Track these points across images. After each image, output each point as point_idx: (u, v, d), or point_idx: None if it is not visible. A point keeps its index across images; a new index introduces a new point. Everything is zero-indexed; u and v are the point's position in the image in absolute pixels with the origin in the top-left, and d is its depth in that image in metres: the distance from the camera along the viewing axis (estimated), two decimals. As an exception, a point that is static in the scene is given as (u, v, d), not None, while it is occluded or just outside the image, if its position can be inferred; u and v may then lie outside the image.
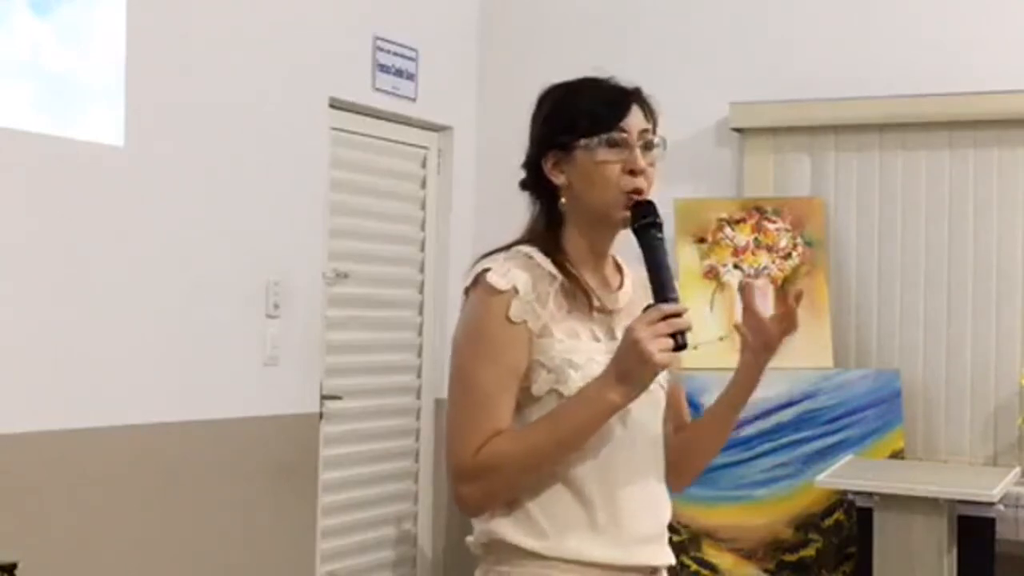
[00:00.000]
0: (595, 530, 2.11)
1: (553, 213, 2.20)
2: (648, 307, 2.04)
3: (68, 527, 3.82)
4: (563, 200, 2.18)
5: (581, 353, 2.11)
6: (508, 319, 2.09)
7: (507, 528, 2.12)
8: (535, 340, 2.10)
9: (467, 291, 2.16)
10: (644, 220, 2.12)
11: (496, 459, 2.06)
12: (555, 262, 2.15)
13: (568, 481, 2.10)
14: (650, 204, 2.14)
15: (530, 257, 2.15)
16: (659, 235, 2.12)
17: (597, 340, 2.15)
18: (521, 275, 2.11)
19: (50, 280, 3.80)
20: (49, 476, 3.77)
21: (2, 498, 3.62)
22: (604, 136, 2.13)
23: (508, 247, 2.19)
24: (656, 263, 2.10)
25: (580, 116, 2.15)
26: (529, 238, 2.20)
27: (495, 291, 2.10)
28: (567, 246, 2.19)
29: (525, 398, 2.11)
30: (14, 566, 3.43)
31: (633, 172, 2.13)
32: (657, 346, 1.98)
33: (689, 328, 2.02)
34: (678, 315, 2.01)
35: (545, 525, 2.10)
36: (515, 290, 2.09)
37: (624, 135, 2.14)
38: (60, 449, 3.80)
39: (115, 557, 3.98)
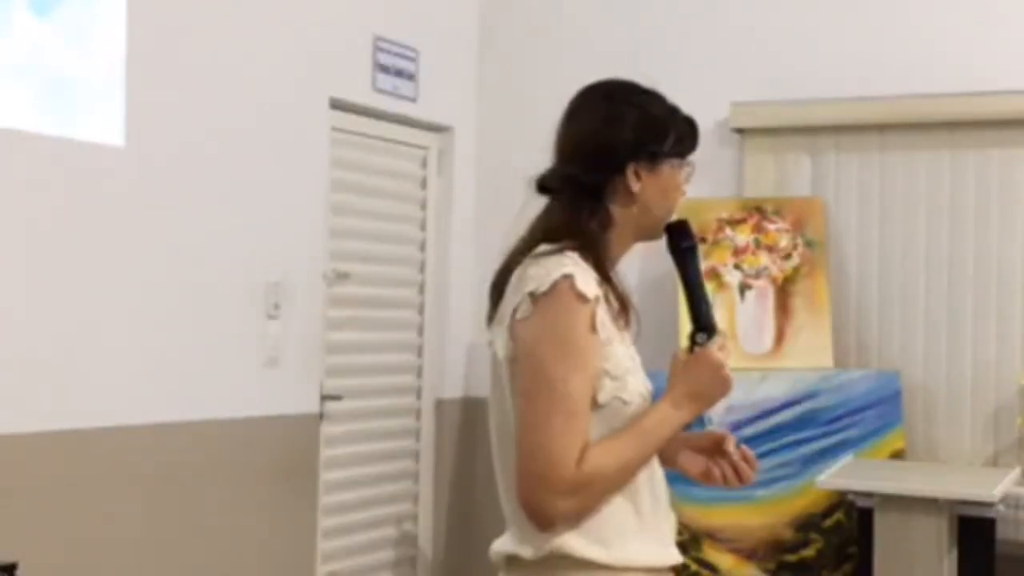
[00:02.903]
0: (645, 533, 2.14)
1: (604, 218, 2.19)
2: (694, 333, 2.17)
3: (68, 527, 3.82)
4: (634, 208, 2.20)
5: (631, 359, 2.16)
6: (593, 327, 2.08)
7: (575, 540, 2.09)
8: (601, 348, 2.10)
9: (535, 295, 2.08)
10: (686, 244, 2.23)
11: (598, 473, 2.06)
12: (599, 269, 2.15)
13: (625, 489, 2.13)
14: (687, 225, 2.23)
15: (579, 263, 2.12)
16: (696, 258, 2.23)
17: (632, 345, 2.20)
18: (594, 283, 2.11)
19: (50, 280, 3.80)
20: (49, 476, 3.77)
21: (2, 498, 3.62)
22: (687, 160, 2.25)
23: (529, 247, 2.16)
24: (696, 287, 2.21)
25: (671, 133, 2.22)
26: (581, 242, 2.15)
27: (585, 299, 2.07)
28: (611, 253, 2.21)
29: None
30: (14, 566, 3.43)
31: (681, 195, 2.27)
32: (728, 371, 2.16)
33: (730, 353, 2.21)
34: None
35: (606, 533, 2.10)
36: (597, 298, 2.09)
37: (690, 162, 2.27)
38: (60, 449, 3.80)
39: (115, 557, 3.98)
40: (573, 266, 2.09)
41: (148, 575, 4.10)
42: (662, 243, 2.27)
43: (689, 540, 4.76)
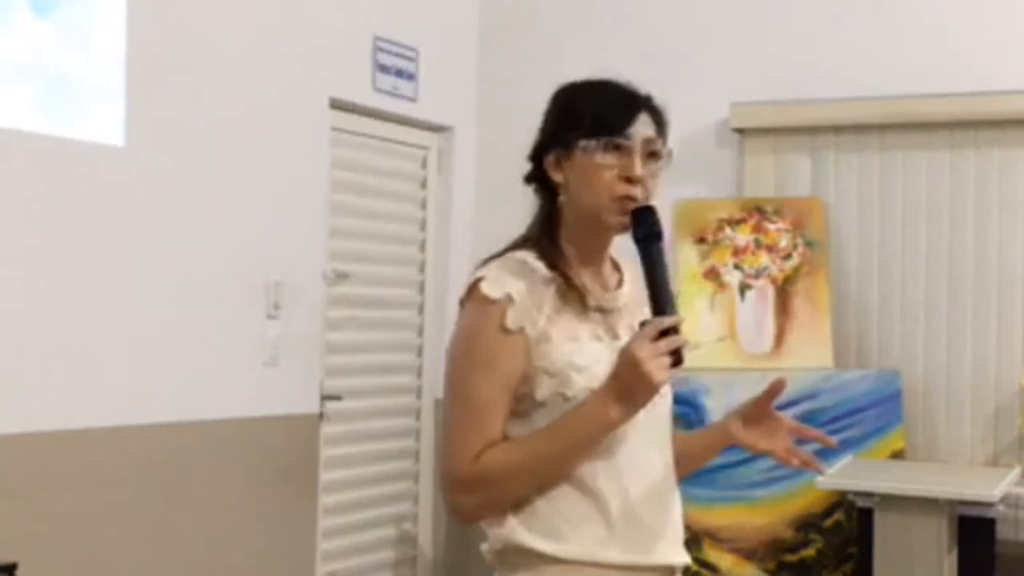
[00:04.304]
0: (610, 531, 2.10)
1: (552, 209, 2.19)
2: (644, 322, 2.03)
3: (68, 527, 3.82)
4: (561, 198, 2.17)
5: (583, 355, 2.10)
6: (504, 328, 2.07)
7: (523, 533, 2.09)
8: (534, 346, 2.08)
9: (462, 301, 2.15)
10: (644, 229, 2.09)
11: (493, 470, 2.06)
12: (550, 263, 2.13)
13: (580, 483, 2.09)
14: (650, 211, 2.11)
15: (524, 262, 2.13)
16: (659, 245, 2.10)
17: (599, 340, 2.14)
18: (515, 282, 2.09)
19: (50, 280, 3.80)
20: (49, 476, 3.77)
21: (2, 498, 3.62)
22: (605, 140, 2.11)
23: (503, 251, 2.18)
24: (655, 275, 2.07)
25: (585, 116, 2.13)
26: (526, 238, 2.19)
27: (488, 301, 2.08)
28: (565, 244, 2.17)
29: (529, 404, 2.09)
30: (14, 566, 3.43)
31: (629, 179, 2.11)
32: (657, 365, 1.98)
33: (686, 344, 2.02)
34: (675, 329, 2.01)
35: (561, 527, 2.08)
36: (509, 298, 2.08)
37: (626, 141, 2.11)
38: (60, 449, 3.80)
39: (115, 557, 3.98)
40: (496, 268, 2.12)
41: (148, 575, 4.10)
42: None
43: (689, 540, 4.75)
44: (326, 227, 4.87)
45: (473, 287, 2.12)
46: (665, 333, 2.00)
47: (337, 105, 4.92)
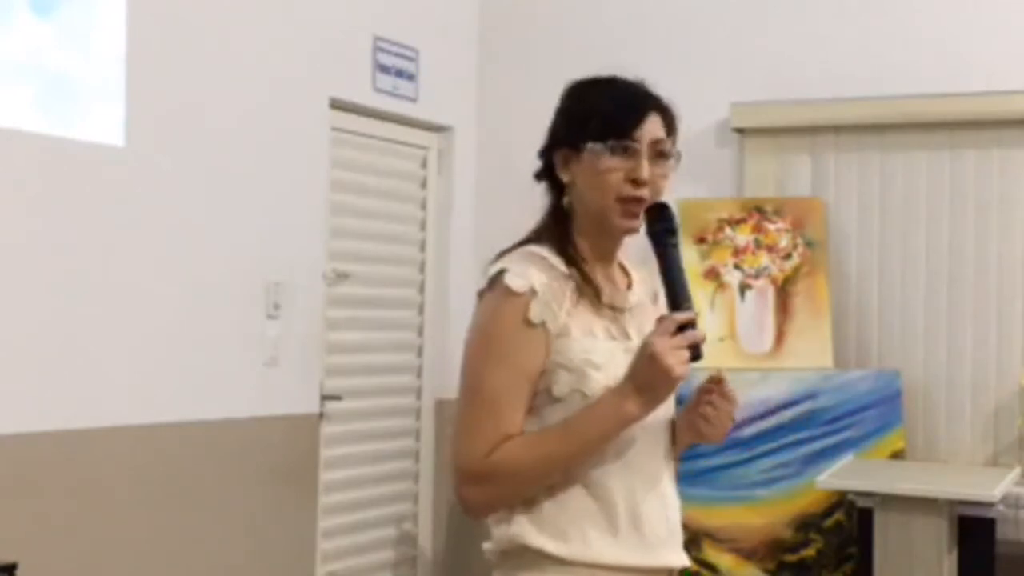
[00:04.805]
0: (616, 533, 2.10)
1: (562, 207, 2.18)
2: (661, 317, 2.05)
3: (68, 527, 3.82)
4: (569, 197, 2.17)
5: (600, 352, 2.10)
6: (527, 321, 2.07)
7: (529, 532, 2.09)
8: (554, 341, 2.08)
9: (481, 293, 2.14)
10: (659, 225, 2.11)
11: (506, 464, 2.05)
12: (567, 259, 2.13)
13: (589, 484, 2.09)
14: (665, 208, 2.12)
15: (544, 257, 2.13)
16: (673, 242, 2.11)
17: (613, 338, 2.13)
18: (539, 275, 2.09)
19: (50, 280, 3.80)
20: (49, 476, 3.77)
21: (2, 498, 3.62)
22: (612, 143, 2.11)
23: (519, 244, 2.17)
24: (670, 271, 2.09)
25: (593, 117, 2.13)
26: (540, 234, 2.18)
27: (512, 293, 2.07)
28: (577, 241, 2.17)
29: (545, 400, 2.09)
30: (14, 566, 3.42)
31: (636, 182, 2.11)
32: (676, 359, 2.00)
33: (704, 339, 2.04)
34: (692, 324, 2.03)
35: (567, 529, 2.08)
36: (533, 291, 2.07)
37: (634, 144, 2.11)
38: (60, 449, 3.80)
39: (115, 557, 3.98)
40: (519, 260, 2.11)
41: (147, 575, 4.10)
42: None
43: (689, 540, 4.75)
44: (326, 227, 4.87)
45: (496, 278, 2.10)
46: (683, 328, 2.02)
47: (337, 105, 4.92)
